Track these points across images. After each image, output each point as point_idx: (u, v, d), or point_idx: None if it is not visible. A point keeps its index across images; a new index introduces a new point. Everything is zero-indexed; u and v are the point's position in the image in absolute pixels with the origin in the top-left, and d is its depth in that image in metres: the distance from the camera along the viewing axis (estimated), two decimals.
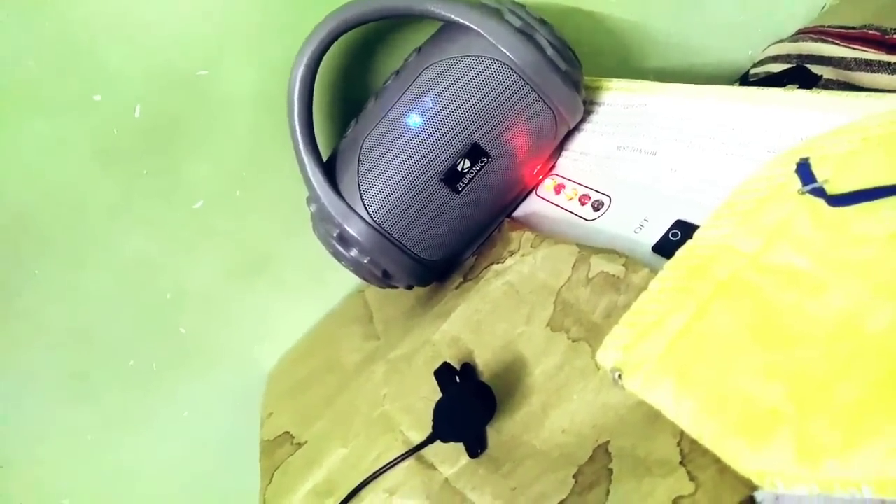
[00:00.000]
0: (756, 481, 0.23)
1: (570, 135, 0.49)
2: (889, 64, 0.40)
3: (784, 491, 0.22)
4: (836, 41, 0.46)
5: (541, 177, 0.49)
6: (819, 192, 0.27)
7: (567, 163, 0.49)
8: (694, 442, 0.25)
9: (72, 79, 0.46)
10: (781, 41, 0.54)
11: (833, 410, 0.22)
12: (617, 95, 0.48)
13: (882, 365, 0.22)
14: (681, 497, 0.25)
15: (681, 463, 0.26)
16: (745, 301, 0.27)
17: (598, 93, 0.50)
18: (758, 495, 0.23)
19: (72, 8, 0.44)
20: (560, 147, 0.49)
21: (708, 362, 0.26)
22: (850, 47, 0.44)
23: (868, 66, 0.41)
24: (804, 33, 0.52)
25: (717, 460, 0.24)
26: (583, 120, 0.49)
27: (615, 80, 0.49)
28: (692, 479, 0.25)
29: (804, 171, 0.28)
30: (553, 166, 0.50)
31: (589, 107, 0.49)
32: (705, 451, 0.25)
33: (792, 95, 0.34)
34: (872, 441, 0.21)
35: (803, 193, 0.28)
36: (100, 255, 0.53)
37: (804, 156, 0.29)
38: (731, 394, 0.25)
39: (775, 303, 0.26)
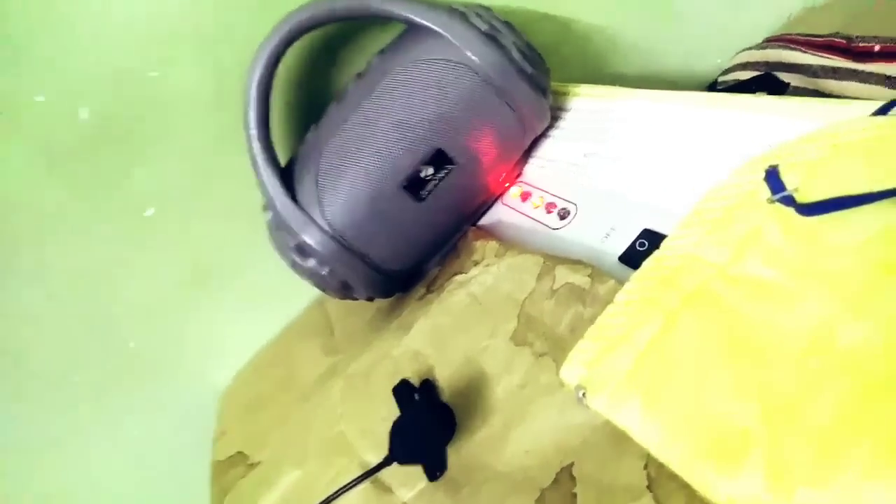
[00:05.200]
0: None
1: (536, 141, 0.48)
2: (856, 72, 0.39)
3: None
4: (803, 49, 0.46)
5: (507, 184, 0.48)
6: (789, 201, 0.26)
7: (534, 170, 0.47)
8: (661, 466, 0.24)
9: (10, 77, 0.43)
10: (749, 49, 0.53)
11: (805, 432, 0.21)
12: (584, 101, 0.47)
13: (854, 383, 0.21)
14: None
15: (647, 488, 0.25)
16: (713, 314, 0.26)
17: (566, 98, 0.49)
18: None
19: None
20: (527, 154, 0.48)
21: (676, 380, 0.25)
22: (816, 55, 0.44)
23: (835, 73, 0.41)
24: (772, 41, 0.52)
25: (686, 486, 0.23)
26: (550, 126, 0.48)
27: (583, 86, 0.48)
28: None
29: (773, 178, 0.27)
30: (519, 173, 0.48)
31: (556, 112, 0.48)
32: (673, 476, 0.23)
33: (760, 101, 0.33)
34: (846, 466, 0.20)
35: (772, 202, 0.27)
36: (42, 265, 0.50)
37: (773, 163, 0.28)
38: (700, 414, 0.23)
39: (745, 316, 0.25)
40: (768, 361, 0.23)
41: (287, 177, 0.45)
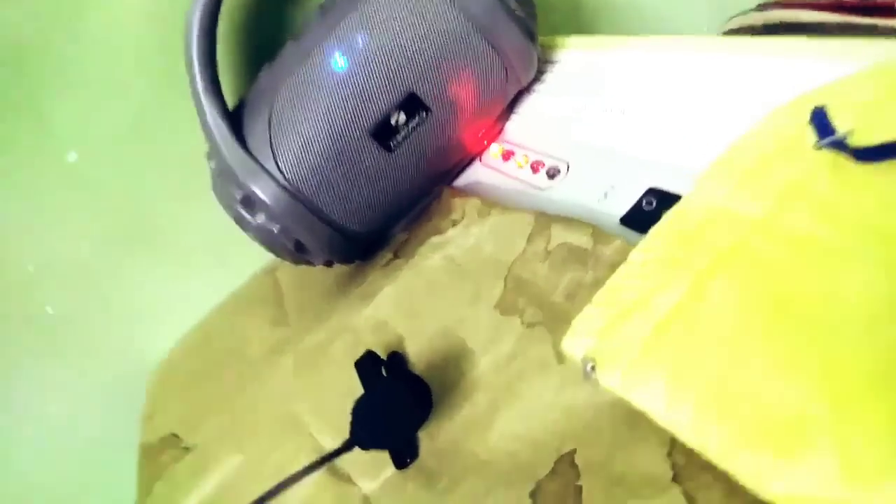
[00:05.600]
0: None
1: (520, 97, 0.43)
2: (877, 27, 0.36)
3: None
4: (808, 10, 0.43)
5: (486, 142, 0.43)
6: (840, 146, 0.22)
7: (517, 127, 0.43)
8: (690, 453, 0.20)
9: None
10: (745, 12, 0.50)
11: (885, 414, 0.17)
12: (575, 53, 0.42)
13: None
14: None
15: (674, 480, 0.20)
16: (754, 276, 0.22)
17: (554, 52, 0.44)
18: None
19: None
20: (509, 110, 0.43)
21: (711, 353, 0.21)
22: (826, 13, 0.40)
23: (854, 30, 0.37)
24: (768, 6, 0.48)
25: (724, 478, 0.19)
26: (535, 80, 0.43)
27: (573, 37, 0.43)
28: (690, 500, 0.20)
29: (821, 121, 0.23)
30: (500, 130, 0.44)
31: (542, 66, 0.43)
32: (707, 466, 0.19)
33: (786, 43, 0.30)
34: None
35: (820, 148, 0.23)
36: None
37: (819, 104, 0.24)
38: (743, 394, 0.19)
39: (794, 279, 0.21)
40: (826, 332, 0.19)
41: (236, 120, 0.39)
